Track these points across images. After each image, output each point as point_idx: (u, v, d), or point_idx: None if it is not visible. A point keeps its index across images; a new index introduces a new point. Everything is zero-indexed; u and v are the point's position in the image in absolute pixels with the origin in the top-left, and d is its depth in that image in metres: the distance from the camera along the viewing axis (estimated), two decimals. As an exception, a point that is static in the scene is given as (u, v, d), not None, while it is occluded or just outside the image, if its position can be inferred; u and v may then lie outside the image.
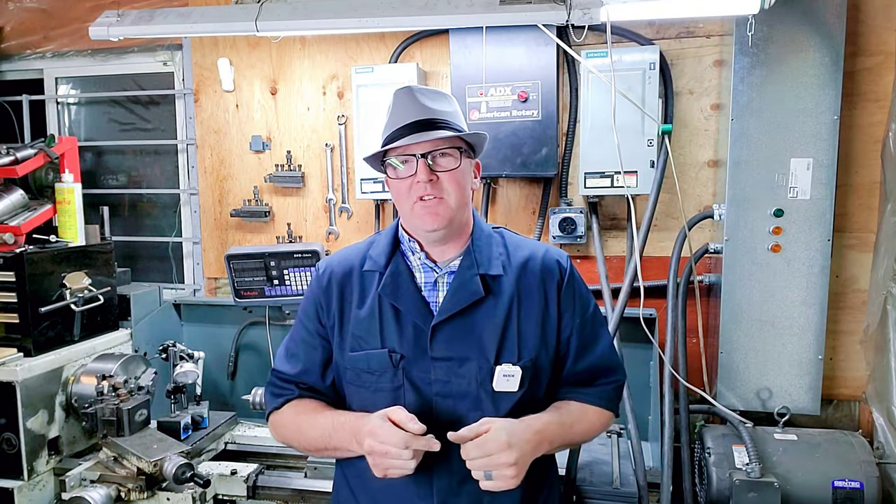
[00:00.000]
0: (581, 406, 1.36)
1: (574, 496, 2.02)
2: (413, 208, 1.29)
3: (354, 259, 1.40)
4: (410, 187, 1.28)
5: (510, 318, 1.30)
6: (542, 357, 1.32)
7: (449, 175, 1.28)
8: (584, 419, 1.36)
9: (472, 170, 1.37)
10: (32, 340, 2.31)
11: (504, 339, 1.29)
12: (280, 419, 1.41)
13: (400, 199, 1.31)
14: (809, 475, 2.14)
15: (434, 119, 1.28)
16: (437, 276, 1.34)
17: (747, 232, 2.33)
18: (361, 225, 2.99)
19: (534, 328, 1.31)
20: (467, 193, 1.33)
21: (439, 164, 1.28)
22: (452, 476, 1.28)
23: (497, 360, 1.28)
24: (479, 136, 1.33)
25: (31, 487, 2.27)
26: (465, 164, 1.31)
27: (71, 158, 2.79)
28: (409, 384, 1.29)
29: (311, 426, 1.35)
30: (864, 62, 2.41)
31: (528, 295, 1.32)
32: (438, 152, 1.27)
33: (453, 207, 1.28)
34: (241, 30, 2.45)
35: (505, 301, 1.31)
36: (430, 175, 1.26)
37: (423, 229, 1.30)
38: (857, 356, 2.51)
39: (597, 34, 2.57)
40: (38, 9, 3.26)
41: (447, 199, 1.27)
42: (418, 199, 1.27)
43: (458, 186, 1.29)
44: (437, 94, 1.34)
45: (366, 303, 1.34)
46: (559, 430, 1.29)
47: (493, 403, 1.28)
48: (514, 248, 1.38)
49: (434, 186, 1.26)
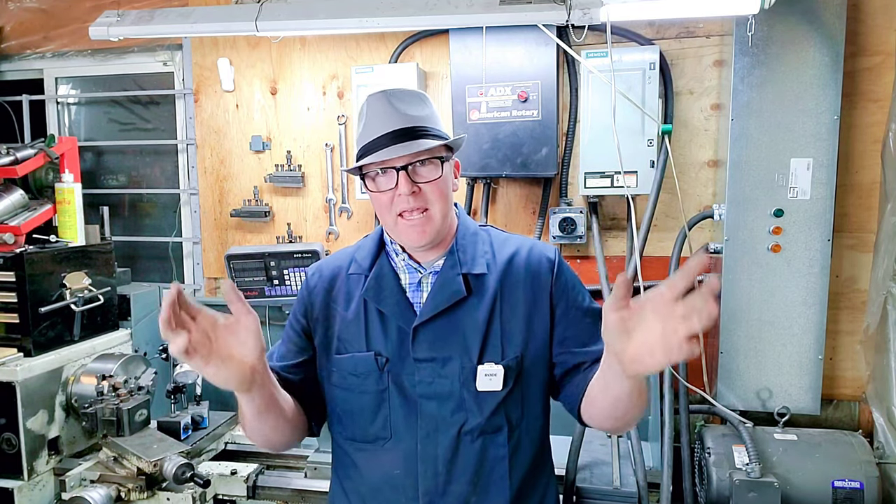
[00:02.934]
0: None
1: (574, 496, 2.02)
2: (397, 223, 1.25)
3: (342, 262, 1.38)
4: (392, 200, 1.24)
5: (493, 315, 1.27)
6: (530, 353, 1.29)
7: (432, 185, 1.24)
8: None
9: (453, 171, 1.34)
10: (32, 340, 2.31)
11: (487, 338, 1.27)
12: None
13: (382, 212, 1.28)
14: (809, 475, 2.14)
15: (413, 127, 1.24)
16: (420, 277, 1.32)
17: (747, 232, 2.33)
18: (361, 225, 2.99)
19: (519, 324, 1.28)
20: (450, 200, 1.30)
21: (420, 174, 1.24)
22: (438, 477, 1.27)
23: (480, 360, 1.25)
24: (456, 141, 1.29)
25: (31, 487, 2.27)
26: (446, 170, 1.27)
27: (71, 158, 2.79)
28: (394, 387, 1.27)
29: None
30: (864, 62, 2.41)
31: (512, 291, 1.29)
32: (419, 162, 1.23)
33: (438, 220, 1.25)
34: (241, 30, 2.45)
35: (488, 299, 1.28)
36: (413, 187, 1.22)
37: (409, 245, 1.29)
38: (857, 356, 2.51)
39: (597, 34, 2.56)
40: (38, 9, 3.26)
41: (432, 211, 1.24)
42: (401, 214, 1.24)
43: (442, 195, 1.25)
44: (412, 96, 1.29)
45: (351, 306, 1.32)
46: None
47: (477, 403, 1.25)
48: (500, 245, 1.35)
49: (417, 198, 1.23)
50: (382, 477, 1.30)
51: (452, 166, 1.34)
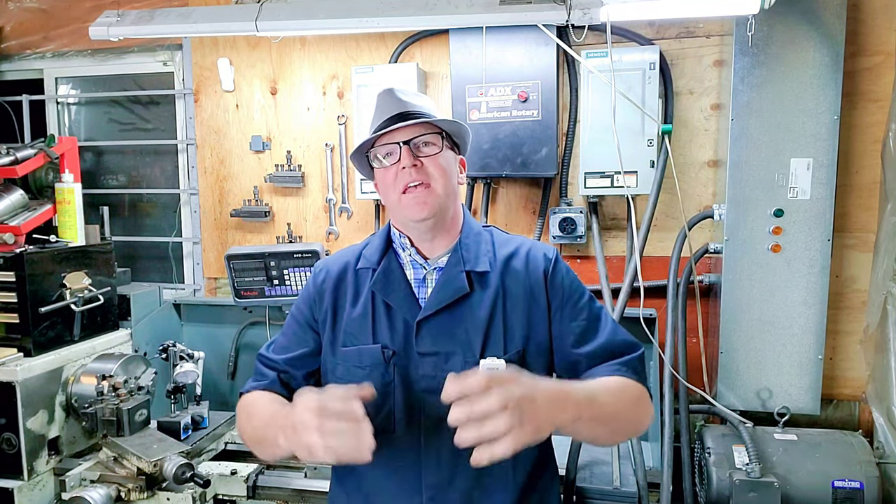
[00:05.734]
0: (601, 379, 1.24)
1: (574, 496, 2.02)
2: (400, 199, 1.30)
3: (350, 258, 1.42)
4: (396, 176, 1.29)
5: (495, 312, 1.30)
6: (531, 349, 1.31)
7: (432, 160, 1.29)
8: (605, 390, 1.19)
9: (458, 164, 1.39)
10: (32, 340, 2.30)
11: (489, 333, 1.29)
12: (242, 402, 1.38)
13: (387, 192, 1.33)
14: (809, 475, 2.14)
15: (412, 111, 1.32)
16: (425, 273, 1.35)
17: (747, 232, 2.33)
18: (361, 225, 2.99)
19: (520, 320, 1.31)
20: (454, 182, 1.35)
21: (422, 150, 1.30)
22: (441, 472, 1.28)
23: (482, 355, 1.27)
24: (458, 125, 1.35)
25: (31, 487, 2.26)
26: (448, 152, 1.33)
27: (71, 158, 2.79)
28: (399, 380, 1.29)
29: (258, 415, 1.30)
30: (864, 62, 2.41)
31: (513, 288, 1.33)
32: (421, 141, 1.30)
33: (441, 194, 1.29)
34: (241, 30, 2.45)
35: (490, 296, 1.31)
36: (414, 160, 1.28)
37: (412, 219, 1.31)
38: (857, 356, 2.51)
39: (597, 34, 2.57)
40: (38, 9, 3.26)
41: (434, 186, 1.29)
42: (404, 188, 1.28)
43: (444, 172, 1.30)
44: (416, 94, 1.39)
45: (359, 300, 1.35)
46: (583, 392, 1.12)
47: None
48: (501, 245, 1.39)
49: (419, 172, 1.28)
50: (386, 471, 1.31)
51: (457, 160, 1.39)
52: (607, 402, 1.18)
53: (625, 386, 1.25)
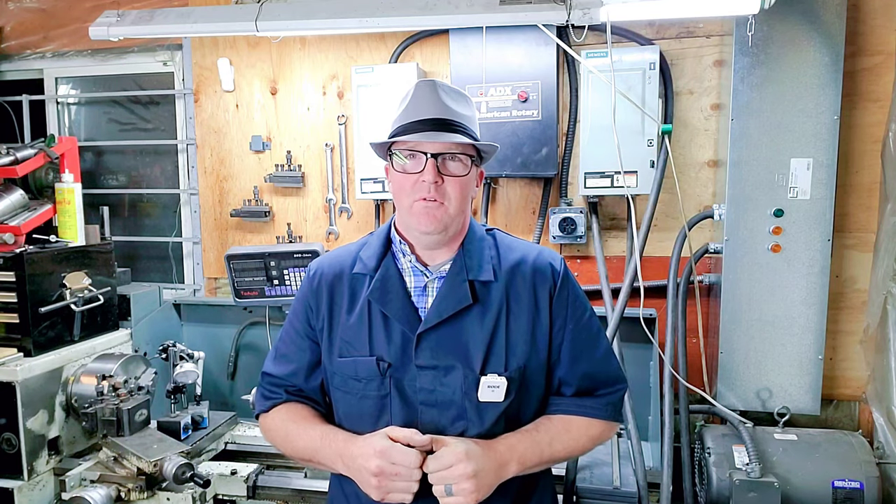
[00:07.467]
0: (565, 421, 1.31)
1: (574, 496, 2.02)
2: (412, 206, 1.24)
3: (345, 261, 1.36)
4: (414, 184, 1.24)
5: (498, 325, 1.26)
6: (532, 365, 1.28)
7: (455, 181, 1.24)
8: (566, 435, 1.29)
9: (476, 178, 1.34)
10: (32, 340, 2.31)
11: (491, 349, 1.25)
12: (268, 423, 1.39)
13: (400, 195, 1.27)
14: (809, 475, 2.14)
15: (452, 121, 1.24)
16: (426, 281, 1.30)
17: (747, 232, 2.33)
18: (361, 225, 2.99)
19: (523, 335, 1.27)
20: (468, 202, 1.30)
21: (448, 167, 1.24)
22: None
23: (483, 370, 1.24)
24: (493, 146, 1.30)
25: (31, 487, 2.26)
26: (472, 171, 1.28)
27: (71, 158, 2.79)
28: (395, 392, 1.26)
29: (298, 436, 1.32)
30: (864, 62, 2.41)
31: (517, 300, 1.28)
32: (449, 155, 1.24)
33: (452, 214, 1.25)
34: (241, 30, 2.45)
35: (494, 308, 1.27)
36: (437, 177, 1.22)
37: (419, 230, 1.26)
38: (857, 356, 2.51)
39: (597, 34, 2.56)
40: (38, 9, 3.26)
41: (447, 205, 1.24)
42: (420, 198, 1.23)
43: (461, 194, 1.25)
44: (459, 94, 1.30)
45: (355, 307, 1.30)
46: (531, 448, 1.25)
47: (478, 413, 1.24)
48: (506, 251, 1.33)
49: (438, 190, 1.22)
50: None
51: (478, 173, 1.33)
52: (558, 449, 1.29)
53: (587, 427, 1.32)
